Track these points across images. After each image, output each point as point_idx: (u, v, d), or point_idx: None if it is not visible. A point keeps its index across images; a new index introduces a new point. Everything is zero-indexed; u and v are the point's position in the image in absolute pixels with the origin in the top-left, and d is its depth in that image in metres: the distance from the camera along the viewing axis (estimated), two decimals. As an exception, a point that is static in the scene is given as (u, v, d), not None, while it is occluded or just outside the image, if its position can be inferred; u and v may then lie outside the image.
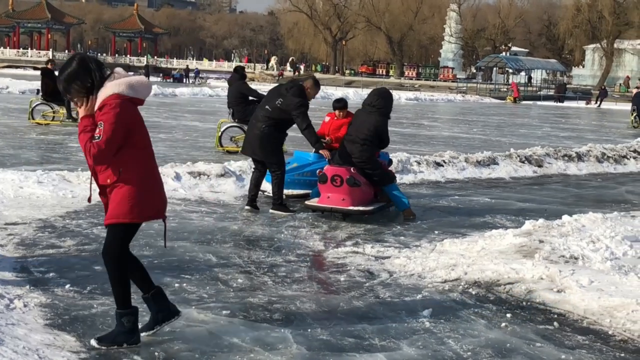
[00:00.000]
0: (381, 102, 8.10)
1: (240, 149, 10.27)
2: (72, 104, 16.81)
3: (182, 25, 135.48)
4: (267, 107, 8.27)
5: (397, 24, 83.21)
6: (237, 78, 13.34)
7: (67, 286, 5.12)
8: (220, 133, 13.69)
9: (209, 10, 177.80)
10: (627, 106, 50.19)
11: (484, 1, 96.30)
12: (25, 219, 7.10)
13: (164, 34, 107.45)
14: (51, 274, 5.40)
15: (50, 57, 19.63)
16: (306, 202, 8.18)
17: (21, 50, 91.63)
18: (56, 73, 19.07)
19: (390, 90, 8.76)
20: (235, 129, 13.59)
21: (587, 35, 76.74)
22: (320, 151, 8.27)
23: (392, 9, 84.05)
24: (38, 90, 17.86)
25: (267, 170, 8.33)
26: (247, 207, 8.32)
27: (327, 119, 9.15)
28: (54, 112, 17.29)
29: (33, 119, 17.08)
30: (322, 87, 13.21)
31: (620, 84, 66.57)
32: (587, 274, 5.56)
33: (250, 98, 13.08)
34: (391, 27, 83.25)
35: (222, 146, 13.59)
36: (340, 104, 9.26)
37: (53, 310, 4.64)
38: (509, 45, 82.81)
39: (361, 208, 7.90)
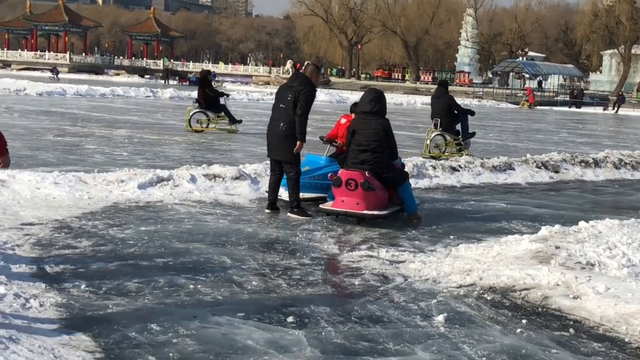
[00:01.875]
0: (378, 105, 8.06)
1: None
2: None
3: (199, 28, 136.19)
4: (281, 105, 8.24)
5: (413, 29, 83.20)
6: (444, 92, 14.77)
7: (83, 286, 5.15)
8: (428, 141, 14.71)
9: (225, 13, 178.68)
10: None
11: (500, 6, 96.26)
12: (42, 220, 7.14)
13: (180, 37, 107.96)
14: (67, 274, 5.44)
15: (208, 69, 20.70)
16: (320, 206, 8.17)
17: (39, 52, 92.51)
18: (213, 84, 20.07)
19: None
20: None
21: (605, 40, 76.35)
22: (298, 144, 8.02)
23: (408, 14, 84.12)
24: (196, 99, 18.86)
25: (284, 173, 8.32)
26: (266, 211, 8.33)
27: (343, 120, 9.11)
28: (209, 120, 18.22)
29: (190, 126, 17.90)
30: (337, 91, 13.35)
31: (637, 90, 66.09)
32: (603, 280, 5.52)
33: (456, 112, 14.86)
34: (407, 32, 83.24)
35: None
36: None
37: (69, 310, 4.66)
38: (526, 50, 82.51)
39: (376, 212, 7.87)
